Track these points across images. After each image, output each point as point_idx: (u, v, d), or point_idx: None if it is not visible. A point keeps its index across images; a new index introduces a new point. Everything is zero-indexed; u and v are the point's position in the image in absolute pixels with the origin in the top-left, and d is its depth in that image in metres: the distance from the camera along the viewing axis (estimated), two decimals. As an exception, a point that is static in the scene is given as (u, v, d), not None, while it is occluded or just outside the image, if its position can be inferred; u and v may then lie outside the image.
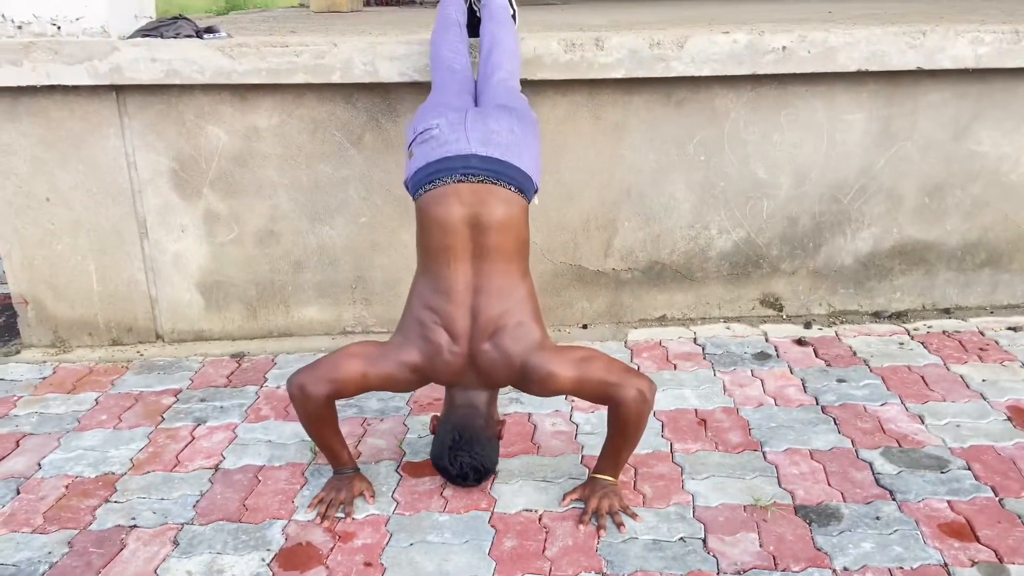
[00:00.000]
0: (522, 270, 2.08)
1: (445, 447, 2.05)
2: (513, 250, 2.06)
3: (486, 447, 2.07)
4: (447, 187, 2.03)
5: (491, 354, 2.00)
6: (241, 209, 2.94)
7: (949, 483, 2.13)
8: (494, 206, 2.02)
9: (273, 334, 3.11)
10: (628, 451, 2.08)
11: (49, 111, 2.78)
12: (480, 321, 2.00)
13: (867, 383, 2.65)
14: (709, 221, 3.06)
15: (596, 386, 1.98)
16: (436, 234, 2.04)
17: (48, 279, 2.98)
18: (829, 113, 2.92)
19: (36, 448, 2.41)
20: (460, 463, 2.03)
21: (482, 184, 2.03)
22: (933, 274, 3.14)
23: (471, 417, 2.06)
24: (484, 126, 2.10)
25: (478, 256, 2.02)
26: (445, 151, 2.06)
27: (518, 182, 2.07)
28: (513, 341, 2.00)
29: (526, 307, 2.05)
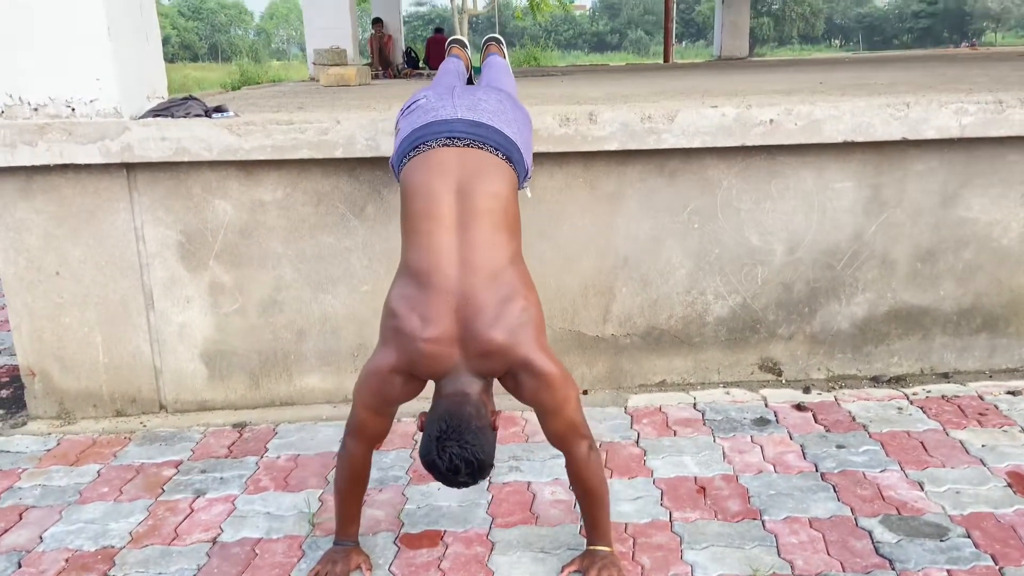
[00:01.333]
0: (513, 249, 1.95)
1: (432, 439, 1.81)
2: (501, 222, 1.92)
3: (478, 436, 1.81)
4: (431, 151, 1.96)
5: (491, 339, 1.83)
6: (245, 280, 3.01)
7: (949, 551, 2.11)
8: (481, 172, 1.94)
9: (276, 403, 3.14)
10: (605, 514, 2.07)
11: (61, 188, 2.87)
12: (475, 301, 1.84)
13: (866, 449, 2.65)
14: (705, 287, 3.10)
15: (566, 421, 1.94)
16: (419, 202, 1.92)
17: (55, 351, 3.03)
18: (819, 182, 2.99)
19: (38, 521, 2.42)
20: (449, 455, 1.77)
21: (468, 148, 1.95)
22: (930, 339, 3.17)
23: (460, 404, 1.84)
24: (472, 96, 2.06)
25: (464, 226, 1.88)
26: (431, 117, 2.01)
27: (506, 149, 2.01)
28: (519, 329, 1.84)
29: (529, 295, 1.91)
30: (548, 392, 1.90)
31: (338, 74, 6.33)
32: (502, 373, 1.92)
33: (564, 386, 1.92)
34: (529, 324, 1.89)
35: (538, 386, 1.90)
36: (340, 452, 2.08)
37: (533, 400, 1.94)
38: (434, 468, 1.81)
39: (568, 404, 1.94)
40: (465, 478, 1.80)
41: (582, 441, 1.98)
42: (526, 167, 2.15)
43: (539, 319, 1.94)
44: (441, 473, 1.81)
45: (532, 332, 1.90)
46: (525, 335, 1.87)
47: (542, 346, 1.92)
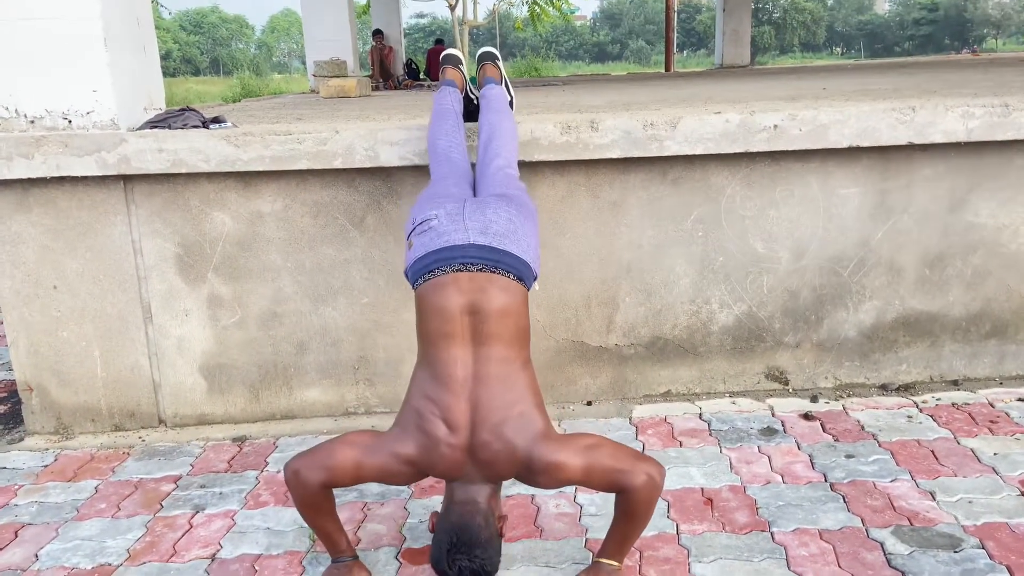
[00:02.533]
0: (523, 359, 2.05)
1: (443, 551, 1.91)
2: (513, 338, 2.04)
3: (487, 549, 1.91)
4: (446, 276, 2.04)
5: (493, 446, 1.93)
6: (244, 292, 2.97)
7: (963, 563, 2.06)
8: (493, 294, 2.02)
9: (276, 416, 3.10)
10: (635, 536, 2.04)
11: (58, 201, 2.85)
12: (480, 412, 1.94)
13: (876, 458, 2.60)
14: (710, 296, 3.06)
15: (605, 474, 1.94)
16: (435, 322, 2.03)
17: (53, 366, 3.00)
18: (824, 188, 2.96)
19: (34, 539, 2.38)
20: (459, 567, 1.88)
21: (481, 272, 2.03)
22: (939, 346, 3.12)
23: (471, 515, 1.94)
24: (482, 216, 2.12)
25: (477, 343, 2.00)
26: (443, 241, 2.08)
27: (517, 270, 2.08)
28: (516, 432, 1.94)
29: (528, 397, 2.00)
30: (566, 475, 1.95)
31: (338, 86, 6.31)
32: (513, 475, 1.99)
33: (580, 461, 1.93)
34: (528, 426, 1.96)
35: (553, 476, 1.95)
36: (294, 481, 1.99)
37: (559, 486, 2.01)
38: (443, 574, 1.91)
39: (595, 468, 1.94)
40: None
41: (631, 476, 1.94)
42: (534, 274, 2.21)
43: (540, 416, 2.00)
44: None
45: (532, 431, 1.96)
46: (524, 437, 1.94)
47: (545, 437, 1.96)
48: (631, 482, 1.92)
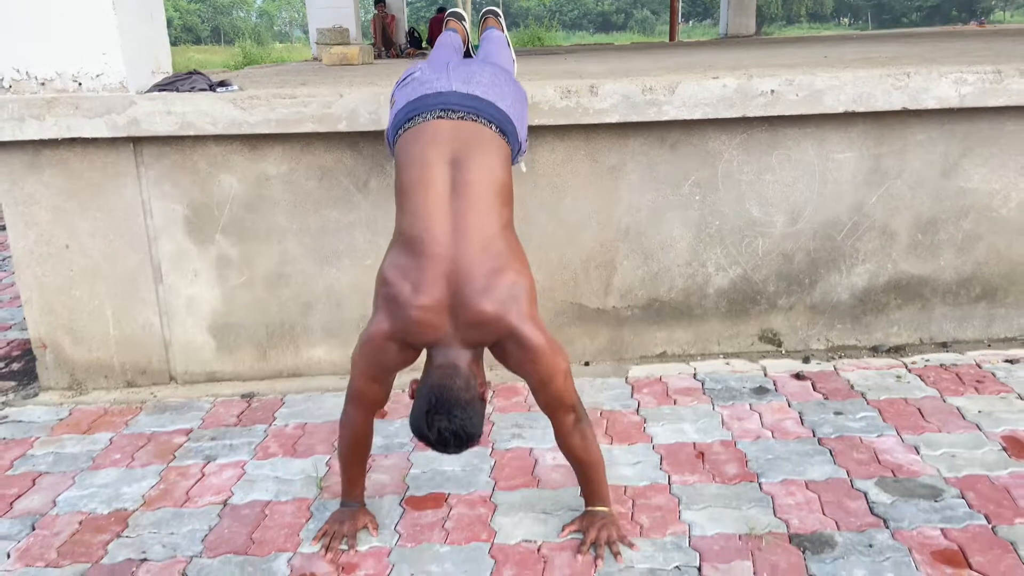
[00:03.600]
0: (505, 219, 1.98)
1: (422, 412, 1.86)
2: (495, 194, 1.95)
3: (467, 410, 1.85)
4: (426, 123, 1.99)
5: (480, 307, 1.86)
6: (252, 254, 3.05)
7: (943, 511, 2.16)
8: (474, 144, 1.96)
9: (283, 374, 3.19)
10: (598, 478, 2.11)
11: (69, 162, 2.91)
12: (465, 269, 1.87)
13: (864, 415, 2.69)
14: (706, 259, 3.13)
15: (555, 392, 1.96)
16: (412, 172, 1.95)
17: (66, 324, 3.08)
18: (820, 153, 3.01)
19: (51, 486, 2.49)
20: (438, 428, 1.83)
21: (462, 121, 1.98)
22: (929, 308, 3.19)
23: (450, 377, 1.88)
24: (467, 69, 2.09)
25: (458, 196, 1.91)
26: (425, 89, 2.04)
27: (500, 123, 2.04)
28: (508, 300, 1.87)
29: (520, 267, 1.95)
30: (534, 364, 1.93)
31: (341, 53, 6.33)
32: (491, 343, 1.96)
33: (551, 359, 1.93)
34: (519, 296, 1.91)
35: (525, 357, 1.92)
36: (342, 420, 2.14)
37: (520, 371, 1.97)
38: (424, 439, 1.88)
39: (555, 377, 1.95)
40: (453, 449, 1.86)
41: (568, 414, 2.02)
42: (519, 141, 2.17)
43: (530, 291, 1.96)
44: (430, 443, 1.87)
45: (522, 303, 1.92)
46: (515, 306, 1.90)
47: (532, 317, 1.93)
48: (562, 418, 2.01)
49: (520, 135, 2.18)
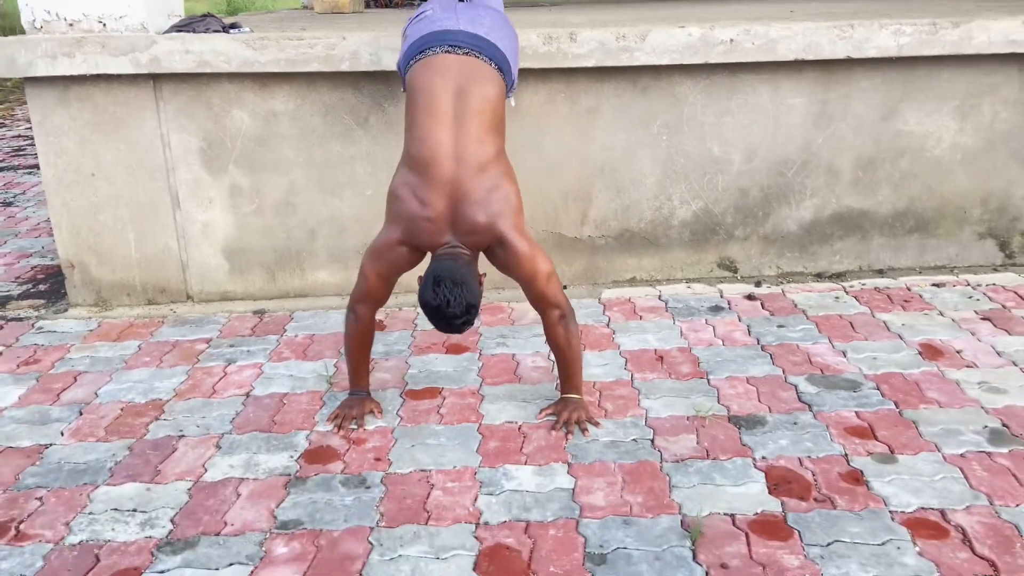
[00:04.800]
0: (499, 146, 2.32)
1: (430, 282, 2.18)
2: (491, 124, 2.28)
3: (468, 285, 2.17)
4: (435, 56, 2.32)
5: (475, 218, 2.22)
6: (261, 184, 3.36)
7: (859, 399, 2.56)
8: (476, 77, 2.30)
9: (290, 295, 3.54)
10: (576, 368, 2.49)
11: (95, 97, 3.20)
12: (463, 187, 2.22)
13: (803, 328, 3.08)
14: (672, 193, 3.49)
15: (539, 290, 2.33)
16: (421, 99, 2.27)
17: (92, 246, 3.40)
18: (774, 97, 3.35)
19: (92, 382, 2.83)
20: (443, 295, 2.14)
21: (467, 56, 2.33)
22: (868, 239, 3.58)
23: (453, 259, 2.24)
24: (472, 12, 2.44)
25: (460, 123, 2.23)
26: (436, 26, 2.38)
27: (498, 61, 2.38)
28: (498, 213, 2.24)
29: (510, 185, 2.30)
30: (519, 265, 2.32)
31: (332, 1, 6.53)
32: (485, 247, 2.34)
33: (534, 261, 2.31)
34: (507, 209, 2.30)
35: (511, 260, 2.31)
36: (348, 318, 2.49)
37: (508, 271, 2.36)
38: (428, 304, 2.18)
39: (537, 276, 2.33)
40: (455, 309, 2.15)
41: (553, 309, 2.39)
42: (512, 78, 2.51)
43: (517, 205, 2.34)
44: (434, 308, 2.17)
45: (510, 216, 2.30)
46: (503, 218, 2.29)
47: (518, 227, 2.32)
48: (548, 312, 2.37)
49: (513, 73, 2.52)
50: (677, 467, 2.24)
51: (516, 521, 2.04)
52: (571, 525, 2.02)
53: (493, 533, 2.00)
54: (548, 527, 2.01)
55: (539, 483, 2.19)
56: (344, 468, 2.29)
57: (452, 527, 2.02)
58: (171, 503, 2.15)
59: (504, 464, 2.28)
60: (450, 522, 2.04)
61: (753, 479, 2.18)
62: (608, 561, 1.89)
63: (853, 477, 2.17)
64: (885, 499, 2.08)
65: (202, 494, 2.19)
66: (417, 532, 2.01)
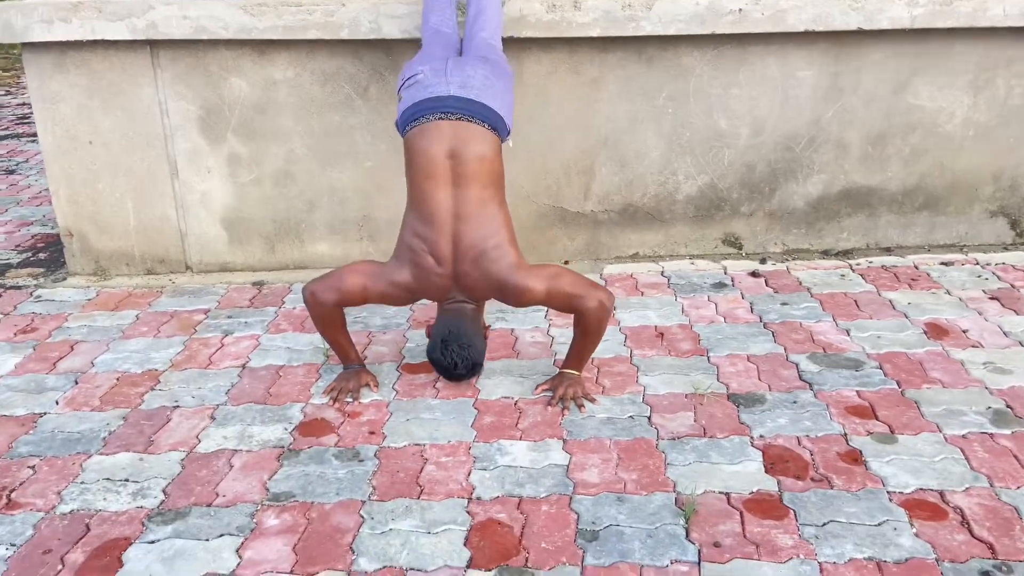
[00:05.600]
0: (498, 199, 2.41)
1: (438, 341, 2.40)
2: (488, 180, 2.38)
3: (473, 341, 2.40)
4: (429, 123, 2.38)
5: (473, 275, 2.34)
6: (260, 153, 3.32)
7: (861, 378, 2.52)
8: (470, 140, 2.36)
9: (289, 266, 3.51)
10: (590, 351, 2.48)
11: (92, 63, 3.16)
12: (462, 245, 2.33)
13: (806, 306, 3.04)
14: (676, 168, 3.43)
15: (564, 298, 2.36)
16: (420, 165, 2.37)
17: (91, 215, 3.37)
18: (783, 70, 3.28)
19: (88, 351, 2.82)
20: (451, 354, 2.36)
21: (459, 121, 2.37)
22: (876, 216, 3.52)
23: (459, 317, 2.43)
24: (461, 72, 2.45)
25: (457, 185, 2.34)
26: (428, 93, 2.42)
27: (491, 121, 2.41)
28: (492, 263, 2.33)
29: (502, 232, 2.38)
30: (531, 298, 2.36)
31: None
32: (491, 296, 2.42)
33: (537, 289, 2.34)
34: (503, 257, 2.35)
35: (519, 298, 2.37)
36: (310, 300, 2.45)
37: (526, 305, 2.41)
38: (438, 364, 2.42)
39: (555, 293, 2.34)
40: (462, 371, 2.40)
41: (585, 300, 2.35)
42: (508, 128, 2.53)
43: (513, 249, 2.39)
44: (443, 367, 2.41)
45: (507, 261, 2.35)
46: (498, 267, 2.34)
47: (516, 268, 2.36)
48: (584, 305, 2.34)
49: (507, 123, 2.53)
50: (673, 444, 2.21)
51: (509, 496, 2.02)
52: (564, 501, 2.00)
53: (485, 508, 1.98)
54: (541, 503, 2.00)
55: (533, 459, 2.17)
56: (338, 441, 2.27)
57: (444, 501, 2.01)
58: (163, 473, 2.14)
59: (499, 439, 2.26)
60: (442, 496, 2.03)
61: (750, 457, 2.15)
62: (600, 538, 1.87)
63: (852, 457, 2.14)
64: (883, 479, 2.05)
65: (195, 465, 2.18)
66: (409, 506, 2.00)
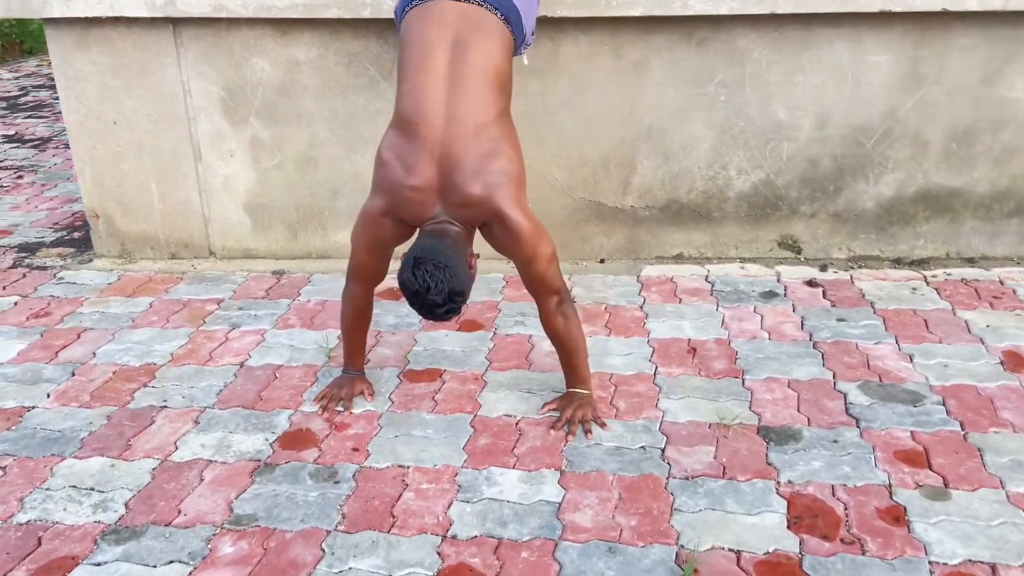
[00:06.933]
0: (501, 106, 2.02)
1: (409, 261, 1.89)
2: (492, 81, 1.98)
3: (452, 266, 1.87)
4: (432, 3, 2.02)
5: (468, 189, 1.93)
6: (283, 137, 3.17)
7: (918, 416, 2.18)
8: (477, 28, 1.99)
9: (312, 255, 3.37)
10: (580, 363, 2.22)
11: (114, 41, 3.06)
12: (456, 152, 1.93)
13: (866, 323, 2.69)
14: (728, 161, 3.10)
15: (537, 274, 2.05)
16: (414, 51, 1.99)
17: (116, 196, 3.31)
18: (854, 55, 2.90)
19: (93, 340, 2.75)
20: (423, 273, 1.85)
21: (468, 4, 2.02)
22: (959, 222, 3.11)
23: (440, 236, 1.95)
24: None
25: (454, 80, 1.94)
26: None
27: (505, 10, 2.06)
28: (495, 185, 1.94)
29: (512, 153, 1.99)
30: (517, 245, 2.02)
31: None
32: (480, 223, 2.05)
33: (534, 241, 2.01)
34: (506, 180, 1.98)
35: (509, 239, 2.02)
36: (344, 293, 2.30)
37: (505, 251, 2.08)
38: (406, 288, 1.90)
39: (538, 259, 2.04)
40: (435, 297, 1.85)
41: (550, 296, 2.10)
42: (524, 33, 2.17)
43: (518, 176, 2.02)
44: (412, 292, 1.88)
45: (509, 188, 1.99)
46: (501, 190, 1.97)
47: (518, 201, 2.01)
48: (545, 302, 2.10)
49: (526, 26, 2.18)
50: (684, 486, 1.95)
51: (488, 537, 1.81)
52: (548, 548, 1.77)
53: (459, 550, 1.77)
54: (521, 548, 1.77)
55: (523, 493, 1.95)
56: (318, 457, 2.11)
57: (415, 538, 1.81)
58: (131, 484, 2.02)
59: (489, 466, 2.05)
60: (415, 532, 1.83)
61: (772, 508, 1.87)
62: (581, 596, 1.64)
63: (893, 515, 1.83)
64: (927, 546, 1.74)
65: (165, 476, 2.05)
66: (376, 541, 1.81)
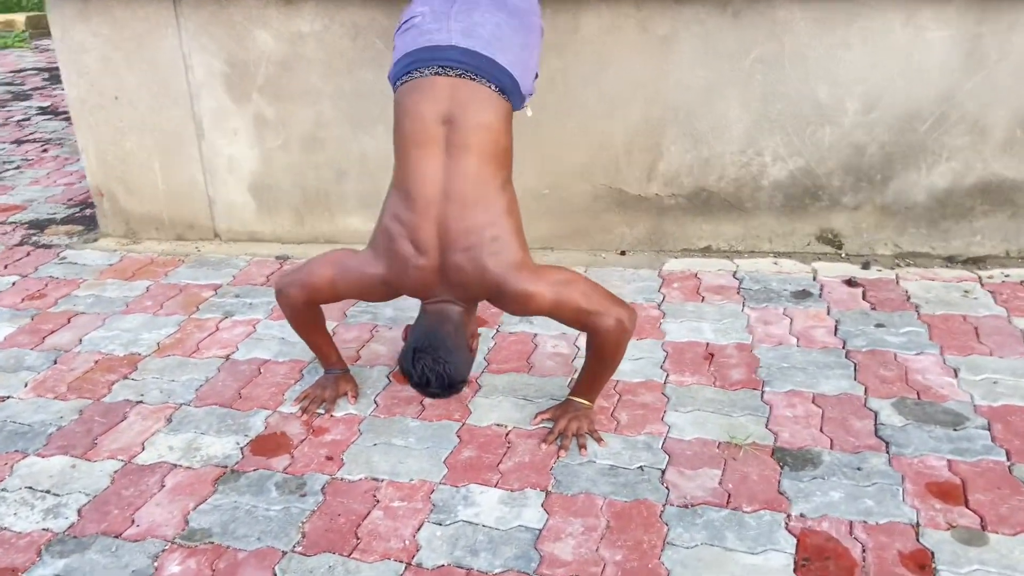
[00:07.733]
0: (501, 180, 1.94)
1: (409, 350, 1.94)
2: (490, 155, 1.91)
3: (453, 354, 1.92)
4: (424, 79, 1.92)
5: (464, 269, 1.88)
6: (287, 115, 3.02)
7: (958, 441, 1.92)
8: (471, 103, 1.90)
9: (318, 240, 3.22)
10: (605, 377, 2.02)
11: (114, 11, 2.94)
12: (450, 232, 1.87)
13: (908, 330, 2.42)
14: (763, 147, 2.83)
15: (574, 312, 1.89)
16: (408, 128, 1.93)
17: (120, 175, 3.20)
18: (908, 29, 2.60)
19: (82, 326, 2.65)
20: (422, 367, 1.90)
21: (460, 79, 1.91)
22: (1020, 217, 2.79)
23: (440, 324, 1.95)
24: (468, 18, 1.96)
25: (450, 156, 1.88)
26: (424, 41, 1.95)
27: (500, 81, 1.94)
28: (488, 256, 1.87)
29: (503, 221, 1.91)
30: (535, 306, 1.89)
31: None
32: (484, 299, 1.96)
33: (550, 295, 1.87)
34: (502, 251, 1.88)
35: (520, 306, 1.92)
36: (279, 297, 2.10)
37: (528, 314, 1.97)
38: (409, 376, 1.95)
39: (565, 304, 1.88)
40: (436, 390, 1.94)
41: (600, 318, 1.89)
42: (523, 93, 2.03)
43: (516, 244, 1.91)
44: (414, 383, 1.95)
45: (506, 258, 1.89)
46: (497, 262, 1.87)
47: (516, 266, 1.89)
48: (599, 323, 1.88)
49: (524, 87, 2.02)
50: (682, 515, 1.74)
51: (455, 567, 1.63)
52: (520, 583, 1.59)
53: (421, 581, 1.61)
54: (491, 582, 1.60)
55: (501, 516, 1.76)
56: (288, 466, 1.95)
57: (377, 565, 1.65)
58: (89, 487, 1.90)
59: (469, 483, 1.87)
60: (377, 557, 1.67)
61: (778, 546, 1.65)
62: (550, 644, 1.46)
63: (918, 562, 1.59)
64: (958, 605, 1.50)
65: (125, 480, 1.92)
66: (333, 566, 1.65)
